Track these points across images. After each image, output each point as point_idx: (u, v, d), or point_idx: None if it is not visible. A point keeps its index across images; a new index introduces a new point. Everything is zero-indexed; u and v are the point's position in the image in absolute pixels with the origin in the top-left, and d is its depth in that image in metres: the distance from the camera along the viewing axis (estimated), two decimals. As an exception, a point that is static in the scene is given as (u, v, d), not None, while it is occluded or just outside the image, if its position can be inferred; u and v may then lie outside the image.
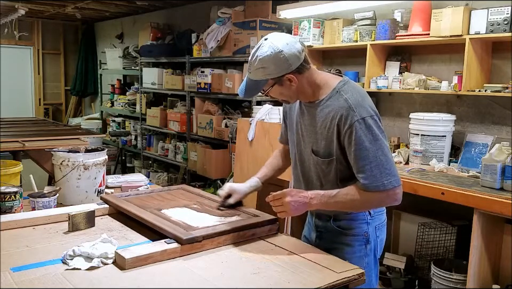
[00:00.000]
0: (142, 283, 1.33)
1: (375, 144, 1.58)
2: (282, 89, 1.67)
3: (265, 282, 1.36)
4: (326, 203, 1.65)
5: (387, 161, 1.59)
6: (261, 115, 3.88)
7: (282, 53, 1.59)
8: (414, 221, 3.37)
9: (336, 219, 1.77)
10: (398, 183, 1.60)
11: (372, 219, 1.77)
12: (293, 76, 1.63)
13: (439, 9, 3.18)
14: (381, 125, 1.63)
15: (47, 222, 1.83)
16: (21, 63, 8.56)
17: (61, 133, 3.89)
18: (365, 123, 1.58)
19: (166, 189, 2.27)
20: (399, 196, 1.62)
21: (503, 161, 2.63)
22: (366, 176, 1.58)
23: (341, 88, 1.67)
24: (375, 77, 3.63)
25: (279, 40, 1.62)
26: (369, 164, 1.57)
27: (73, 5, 6.68)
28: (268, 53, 1.59)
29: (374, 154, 1.57)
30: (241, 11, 4.64)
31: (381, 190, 1.58)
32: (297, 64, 1.62)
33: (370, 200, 1.62)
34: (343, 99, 1.63)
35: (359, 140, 1.58)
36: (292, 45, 1.61)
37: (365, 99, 1.64)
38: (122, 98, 7.13)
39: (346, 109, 1.60)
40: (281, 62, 1.60)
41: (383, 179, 1.57)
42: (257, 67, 1.62)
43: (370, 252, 1.78)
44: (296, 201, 1.63)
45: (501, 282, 2.78)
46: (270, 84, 1.66)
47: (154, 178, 5.84)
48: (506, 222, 2.73)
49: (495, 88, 3.00)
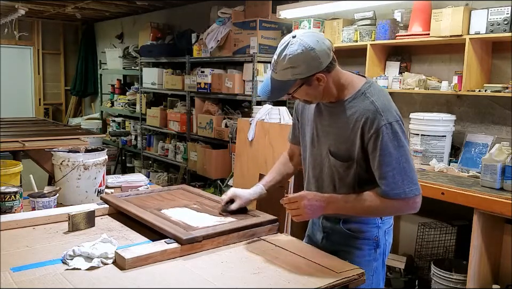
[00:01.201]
0: (142, 283, 1.33)
1: (399, 150, 1.53)
2: (310, 89, 1.59)
3: (265, 282, 1.36)
4: (343, 208, 1.61)
5: (410, 169, 1.54)
6: (261, 115, 3.88)
7: (315, 50, 1.50)
8: (414, 221, 3.37)
9: (346, 222, 1.72)
10: (418, 192, 1.56)
11: (383, 223, 1.73)
12: (322, 75, 1.55)
13: (439, 9, 3.18)
14: (405, 130, 1.58)
15: (47, 222, 1.83)
16: (21, 63, 8.56)
17: (61, 133, 3.89)
18: (391, 128, 1.52)
19: (166, 189, 2.27)
20: (418, 205, 1.58)
21: (503, 161, 2.63)
22: (388, 182, 1.53)
23: (367, 90, 1.60)
24: (375, 77, 3.63)
25: (309, 37, 1.53)
26: (392, 170, 1.53)
27: (73, 5, 6.68)
28: (299, 51, 1.50)
29: (398, 161, 1.52)
30: (241, 11, 4.64)
31: (402, 197, 1.54)
32: (327, 62, 1.55)
33: (388, 207, 1.58)
34: (369, 102, 1.57)
35: (385, 145, 1.52)
36: (322, 41, 1.53)
37: (391, 103, 1.59)
38: (122, 98, 7.13)
39: (373, 112, 1.54)
40: (312, 61, 1.51)
41: (404, 187, 1.53)
42: (285, 66, 1.53)
43: (379, 256, 1.74)
44: (313, 205, 1.58)
45: (501, 282, 2.78)
46: (298, 84, 1.57)
47: (154, 178, 5.84)
48: (506, 222, 2.73)
49: (495, 88, 3.00)
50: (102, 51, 8.11)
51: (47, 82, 8.88)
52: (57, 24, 8.79)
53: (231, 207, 1.84)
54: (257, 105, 4.17)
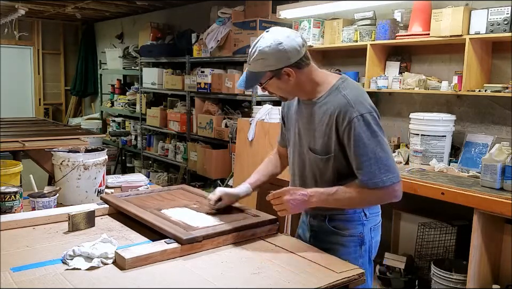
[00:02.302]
0: (142, 283, 1.33)
1: (373, 140, 1.58)
2: (280, 83, 1.67)
3: (265, 282, 1.36)
4: (325, 200, 1.65)
5: (386, 158, 1.59)
6: (261, 115, 3.88)
7: (282, 45, 1.59)
8: (414, 221, 3.37)
9: (331, 220, 1.77)
10: (397, 180, 1.60)
11: (367, 221, 1.76)
12: (291, 70, 1.63)
13: (439, 9, 3.18)
14: (380, 122, 1.63)
15: (47, 222, 1.83)
16: (21, 63, 8.55)
17: (61, 133, 3.89)
18: (363, 119, 1.58)
19: (166, 189, 2.27)
20: (398, 193, 1.62)
21: (503, 161, 2.63)
22: (365, 172, 1.59)
23: (340, 85, 1.68)
24: (375, 77, 3.63)
25: (280, 32, 1.62)
26: (368, 160, 1.58)
27: (73, 5, 6.68)
28: (268, 44, 1.60)
29: (373, 151, 1.58)
30: (241, 12, 4.64)
31: (380, 186, 1.58)
32: (297, 58, 1.62)
33: (368, 197, 1.63)
34: (342, 96, 1.63)
35: (358, 136, 1.58)
36: (292, 38, 1.61)
37: (364, 96, 1.65)
38: (122, 98, 7.13)
39: (345, 105, 1.60)
40: (280, 54, 1.60)
41: (382, 176, 1.58)
42: (256, 58, 1.63)
43: (365, 253, 1.77)
44: (295, 199, 1.64)
45: (501, 282, 2.78)
46: (268, 76, 1.66)
47: (154, 178, 5.84)
48: (506, 222, 2.73)
49: (495, 88, 3.00)
50: (102, 51, 8.11)
51: (47, 82, 8.88)
52: (57, 24, 8.79)
53: (220, 204, 1.90)
54: (257, 105, 4.17)
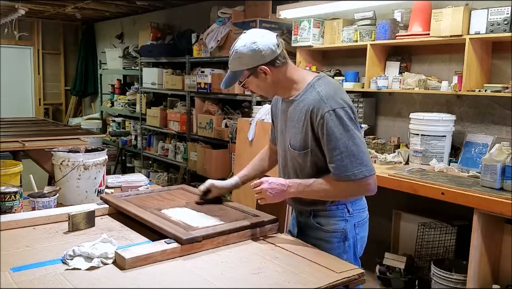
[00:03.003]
0: (142, 283, 1.33)
1: (346, 134, 1.62)
2: (258, 81, 1.75)
3: (265, 282, 1.36)
4: (302, 191, 1.71)
5: (358, 151, 1.63)
6: (261, 115, 3.88)
7: (256, 44, 1.68)
8: (414, 221, 3.37)
9: (315, 216, 1.81)
10: (370, 173, 1.64)
11: (351, 217, 1.80)
12: (266, 68, 1.71)
13: (439, 9, 3.18)
14: (354, 117, 1.67)
15: (47, 222, 1.83)
16: (21, 63, 8.56)
17: (61, 133, 3.89)
18: (335, 114, 1.63)
19: (166, 189, 2.27)
20: (372, 186, 1.66)
21: (503, 161, 2.63)
22: (337, 166, 1.64)
23: (315, 82, 1.74)
24: (375, 77, 3.63)
25: (255, 33, 1.72)
26: (339, 154, 1.62)
27: (73, 5, 6.68)
28: (243, 43, 1.69)
29: (345, 145, 1.62)
30: (241, 11, 4.64)
31: (352, 179, 1.63)
32: (272, 57, 1.70)
33: (342, 189, 1.68)
34: (316, 92, 1.70)
35: (330, 131, 1.63)
36: (266, 38, 1.70)
37: (337, 92, 1.70)
38: (122, 98, 7.13)
39: (318, 101, 1.67)
40: (254, 53, 1.68)
41: (353, 169, 1.62)
42: (234, 57, 1.72)
43: (349, 249, 1.80)
44: (273, 188, 1.70)
45: (501, 282, 2.77)
46: (246, 75, 1.74)
47: (154, 178, 5.84)
48: (506, 222, 2.73)
49: (495, 88, 3.00)
50: (102, 51, 8.11)
51: (47, 82, 8.88)
52: (57, 24, 8.79)
53: (208, 196, 2.00)
54: (257, 105, 4.17)
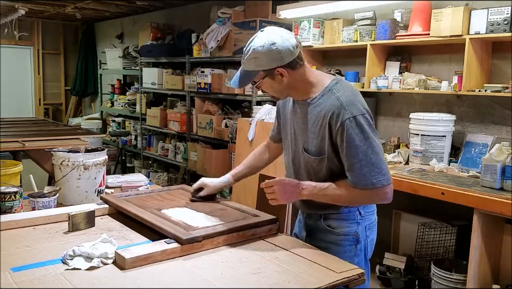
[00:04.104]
0: (142, 283, 1.33)
1: (365, 142, 1.59)
2: (273, 83, 1.69)
3: (265, 282, 1.36)
4: (316, 194, 1.69)
5: (377, 160, 1.60)
6: (261, 115, 3.88)
7: (276, 45, 1.60)
8: (414, 221, 3.37)
9: (326, 219, 1.79)
10: (387, 182, 1.62)
11: (362, 219, 1.78)
12: (284, 70, 1.64)
13: (439, 9, 3.18)
14: (373, 124, 1.65)
15: (47, 222, 1.83)
16: (21, 63, 8.55)
17: (61, 133, 3.88)
18: (355, 121, 1.59)
19: (166, 189, 2.27)
20: (389, 195, 1.64)
21: (503, 161, 2.63)
22: (356, 174, 1.61)
23: (333, 86, 1.69)
24: (375, 77, 3.63)
25: (274, 32, 1.64)
26: (359, 162, 1.60)
27: (73, 5, 6.68)
28: (261, 43, 1.61)
29: (364, 153, 1.59)
30: (241, 11, 4.64)
31: (370, 188, 1.61)
32: (290, 59, 1.63)
33: (358, 197, 1.65)
34: (335, 97, 1.65)
35: (350, 138, 1.59)
36: (286, 38, 1.62)
37: (357, 98, 1.67)
38: (122, 98, 7.13)
39: (338, 107, 1.62)
40: (273, 54, 1.61)
41: (372, 178, 1.60)
42: (250, 57, 1.64)
43: (360, 252, 1.78)
44: (287, 190, 1.68)
45: (501, 282, 2.78)
46: (261, 76, 1.67)
47: (154, 178, 5.84)
48: (506, 222, 2.73)
49: (495, 88, 3.00)
50: (102, 51, 8.11)
51: (47, 82, 8.88)
52: (57, 24, 8.78)
53: (200, 194, 2.01)
54: (257, 105, 4.17)
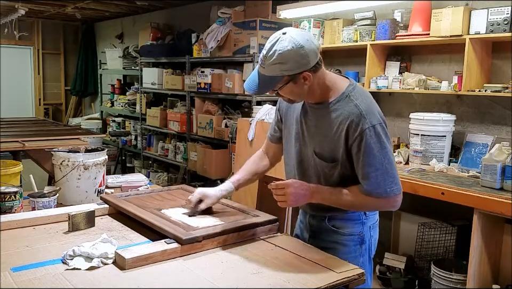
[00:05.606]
0: (142, 283, 1.33)
1: (382, 152, 1.58)
2: (295, 87, 1.60)
3: (265, 282, 1.36)
4: (327, 199, 1.67)
5: (392, 169, 1.60)
6: (261, 115, 3.88)
7: (304, 48, 1.52)
8: (414, 221, 3.37)
9: (331, 219, 1.77)
10: (399, 191, 1.63)
11: (367, 219, 1.78)
12: (309, 74, 1.56)
13: (439, 9, 3.18)
14: (388, 132, 1.64)
15: (47, 222, 1.83)
16: (21, 63, 8.56)
17: (61, 133, 3.88)
18: (374, 130, 1.57)
19: (166, 189, 2.27)
20: (398, 203, 1.65)
21: (503, 161, 2.63)
22: (371, 182, 1.59)
23: (351, 92, 1.64)
24: (375, 77, 3.63)
25: (299, 35, 1.54)
26: (375, 171, 1.58)
27: (73, 5, 6.68)
28: (289, 47, 1.51)
29: (380, 162, 1.58)
30: (241, 12, 4.64)
31: (383, 196, 1.60)
32: (315, 62, 1.57)
33: (370, 204, 1.65)
34: (354, 105, 1.60)
35: (369, 148, 1.57)
36: (311, 41, 1.55)
37: (374, 106, 1.64)
38: (122, 98, 7.13)
39: (357, 115, 1.58)
40: (301, 58, 1.53)
41: (386, 187, 1.59)
42: (274, 62, 1.53)
43: (365, 252, 1.78)
44: (298, 193, 1.63)
45: (501, 282, 2.78)
46: (285, 81, 1.57)
47: (154, 178, 5.84)
48: (506, 222, 2.74)
49: (495, 88, 3.00)
50: (102, 51, 8.11)
51: (47, 82, 8.88)
52: (57, 24, 8.79)
53: (200, 206, 1.83)
54: (257, 105, 4.17)
